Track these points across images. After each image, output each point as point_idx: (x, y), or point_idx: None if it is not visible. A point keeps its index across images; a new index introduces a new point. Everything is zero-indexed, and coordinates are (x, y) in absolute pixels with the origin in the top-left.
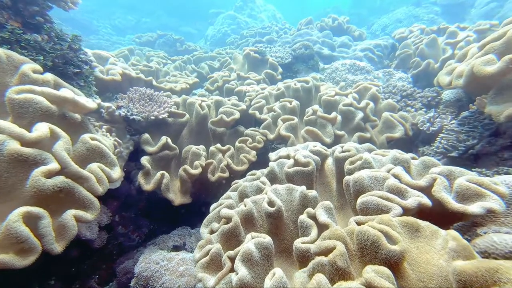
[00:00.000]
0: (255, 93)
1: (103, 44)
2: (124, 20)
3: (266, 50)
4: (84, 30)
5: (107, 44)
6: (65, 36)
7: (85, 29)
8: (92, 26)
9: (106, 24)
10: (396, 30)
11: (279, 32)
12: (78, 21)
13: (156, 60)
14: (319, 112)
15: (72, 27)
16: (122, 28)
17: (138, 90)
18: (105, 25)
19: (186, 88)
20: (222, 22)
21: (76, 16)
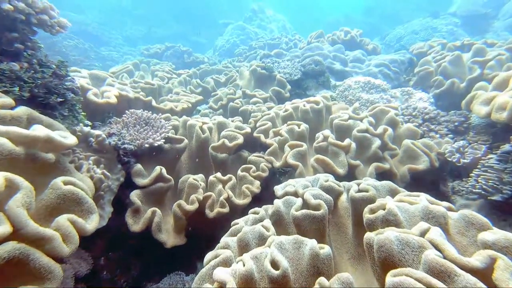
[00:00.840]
0: (260, 113)
1: (114, 56)
2: (135, 30)
3: (273, 65)
4: (96, 41)
5: (118, 55)
6: (50, 62)
7: (97, 40)
8: (104, 37)
9: (118, 35)
10: (414, 45)
11: (288, 44)
12: (90, 33)
13: (160, 75)
14: (331, 138)
15: (84, 39)
16: (133, 39)
17: (134, 113)
18: (116, 36)
19: (188, 107)
20: (231, 33)
21: (88, 28)
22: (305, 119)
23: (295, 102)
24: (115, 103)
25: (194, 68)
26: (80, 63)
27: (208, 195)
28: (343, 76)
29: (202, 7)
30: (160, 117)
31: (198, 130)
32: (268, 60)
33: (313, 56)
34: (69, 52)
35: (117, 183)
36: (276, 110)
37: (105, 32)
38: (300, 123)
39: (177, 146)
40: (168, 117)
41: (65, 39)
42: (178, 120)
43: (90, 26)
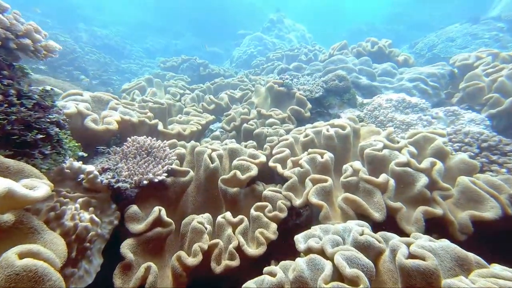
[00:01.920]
0: (277, 138)
1: (132, 68)
2: (155, 43)
3: (292, 82)
4: (117, 55)
5: (137, 67)
6: (32, 92)
7: (118, 54)
8: (125, 50)
9: (138, 48)
10: (455, 56)
11: (308, 55)
12: (112, 47)
13: (173, 91)
14: (362, 173)
15: (106, 53)
16: (153, 51)
17: (136, 142)
18: (137, 49)
19: (198, 130)
20: (249, 44)
21: (110, 42)
22: (329, 146)
23: (317, 125)
24: (115, 130)
25: (208, 83)
26: (99, 77)
27: (215, 244)
28: (371, 92)
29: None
30: (165, 145)
31: (207, 159)
32: (286, 76)
33: (336, 70)
34: (89, 67)
35: (110, 227)
36: (295, 134)
37: (127, 46)
38: (324, 152)
39: (181, 180)
40: (174, 144)
41: (87, 54)
42: (186, 146)
43: (113, 40)
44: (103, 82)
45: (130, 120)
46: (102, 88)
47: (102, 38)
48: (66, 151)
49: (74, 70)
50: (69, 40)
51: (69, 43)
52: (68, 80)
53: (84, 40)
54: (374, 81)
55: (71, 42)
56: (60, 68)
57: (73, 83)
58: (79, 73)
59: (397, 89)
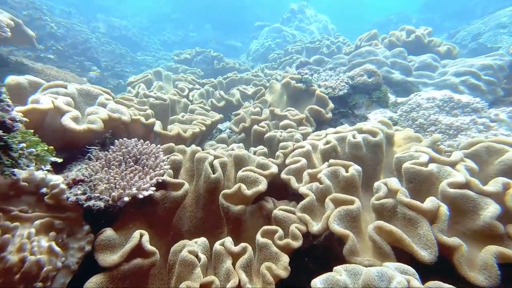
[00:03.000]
0: (292, 143)
1: (148, 60)
2: (173, 35)
3: (312, 78)
4: (134, 46)
5: (152, 60)
6: None
7: (135, 45)
8: (143, 42)
9: (156, 40)
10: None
11: (330, 47)
12: (130, 38)
13: (180, 86)
14: (402, 194)
15: (124, 44)
16: (170, 43)
17: (124, 145)
18: (154, 41)
19: (201, 131)
20: (266, 36)
21: (128, 33)
22: (356, 156)
23: (341, 130)
24: (100, 130)
25: (220, 77)
26: (111, 69)
27: (208, 283)
28: (405, 89)
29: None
30: (158, 150)
31: (207, 168)
32: (305, 70)
33: (364, 64)
34: (101, 58)
35: (80, 255)
36: (314, 140)
37: (144, 37)
38: (349, 164)
39: (173, 195)
40: (170, 148)
41: (103, 44)
42: (185, 151)
43: (130, 32)
44: (115, 74)
45: (120, 118)
46: (114, 80)
47: (120, 29)
48: (19, 159)
49: (85, 60)
50: (86, 30)
51: (84, 33)
52: (79, 70)
53: (102, 31)
54: (409, 76)
55: (87, 32)
56: (71, 58)
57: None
58: (91, 63)
59: (439, 85)
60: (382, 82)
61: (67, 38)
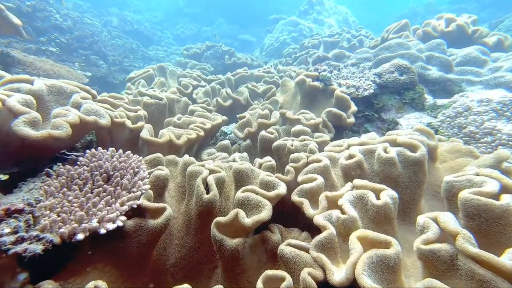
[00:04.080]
0: (305, 155)
1: (159, 55)
2: (186, 29)
3: (331, 75)
4: (146, 41)
5: (164, 55)
6: None
7: (147, 40)
8: (155, 37)
9: (169, 34)
10: None
11: (351, 41)
12: (142, 33)
13: (184, 83)
14: (466, 243)
15: (136, 39)
16: (184, 38)
17: (97, 156)
18: (167, 35)
19: (198, 138)
20: (282, 29)
21: (140, 28)
22: (388, 177)
23: (367, 141)
24: (66, 136)
25: (229, 74)
26: (119, 64)
27: None
28: (444, 89)
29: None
30: (138, 163)
31: (200, 186)
32: (323, 66)
33: (393, 59)
34: (108, 52)
35: None
36: (333, 152)
37: (157, 32)
38: (380, 189)
39: (150, 225)
40: (157, 159)
41: (113, 38)
42: (177, 163)
43: (143, 26)
44: (123, 69)
45: (96, 122)
46: (121, 75)
47: (132, 24)
48: None
49: (92, 54)
50: (96, 23)
51: (92, 26)
52: (84, 64)
53: (114, 25)
54: (449, 72)
55: (97, 25)
56: (76, 51)
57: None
58: (97, 58)
59: (490, 83)
60: (417, 80)
61: (73, 30)
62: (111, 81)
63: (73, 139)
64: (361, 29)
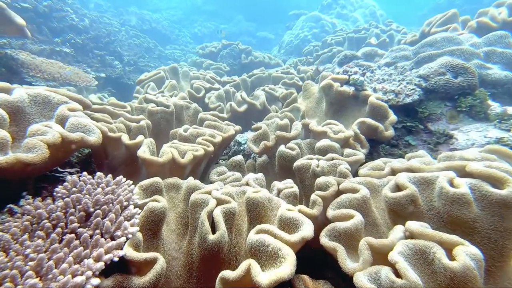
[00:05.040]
0: (335, 180)
1: (176, 54)
2: (203, 28)
3: (364, 78)
4: (164, 40)
5: (180, 54)
6: None
7: (165, 39)
8: (173, 35)
9: (186, 33)
10: None
11: (380, 37)
12: (160, 31)
13: (197, 85)
14: None
15: (153, 37)
16: (201, 36)
17: (78, 186)
18: (184, 34)
19: (207, 153)
20: (302, 26)
21: (158, 26)
22: (459, 221)
23: (419, 167)
24: (41, 161)
25: (245, 75)
26: (134, 64)
27: None
28: (509, 92)
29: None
30: (129, 196)
31: (204, 223)
32: (353, 68)
33: (440, 57)
34: (124, 52)
35: None
36: (371, 179)
37: (175, 30)
38: (454, 242)
39: (134, 286)
40: (154, 185)
41: (131, 38)
42: (179, 186)
43: (160, 25)
44: (138, 69)
45: (82, 139)
46: (136, 76)
47: (150, 22)
48: None
49: (107, 54)
50: (114, 23)
51: (110, 26)
52: (98, 65)
53: (132, 24)
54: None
55: (115, 25)
56: (92, 52)
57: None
58: (112, 58)
59: None
60: (477, 83)
61: (90, 30)
62: (125, 82)
63: (54, 161)
64: (391, 23)
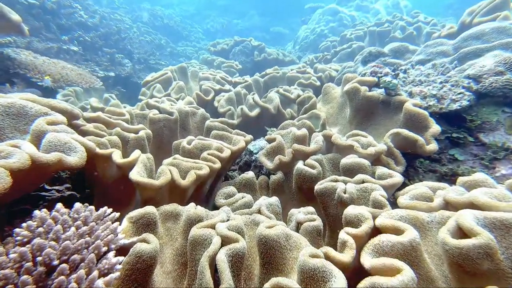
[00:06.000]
0: (369, 215)
1: (188, 51)
2: (216, 23)
3: (397, 81)
4: (176, 36)
5: (192, 50)
6: None
7: (177, 35)
8: (185, 31)
9: (198, 29)
10: None
11: (406, 30)
12: (172, 28)
13: (205, 87)
14: None
15: (165, 34)
16: (213, 32)
17: (45, 226)
18: (197, 30)
19: (213, 171)
20: (319, 20)
21: (170, 22)
22: None
23: (489, 203)
24: (4, 189)
25: (257, 74)
26: (144, 62)
27: None
28: None
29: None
30: (111, 237)
31: (204, 272)
32: (383, 68)
33: (489, 52)
34: (134, 50)
35: None
36: (416, 213)
37: (187, 26)
38: None
39: None
40: (146, 218)
41: (142, 34)
42: (179, 215)
43: (173, 21)
44: (149, 67)
45: (60, 161)
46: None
47: (162, 18)
48: None
49: (117, 52)
50: (126, 20)
51: (121, 22)
52: (107, 64)
53: (144, 20)
54: None
55: (127, 22)
56: (101, 50)
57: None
58: (122, 56)
59: None
60: None
61: (99, 28)
62: (135, 81)
63: (24, 188)
64: (418, 14)
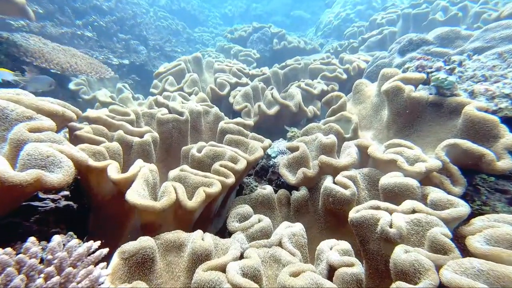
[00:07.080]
0: (430, 265)
1: (204, 37)
2: (234, 7)
3: (454, 78)
4: (193, 21)
5: (209, 37)
6: None
7: (194, 20)
8: (202, 16)
9: (216, 13)
10: None
11: (449, 11)
12: (189, 12)
13: (220, 81)
14: None
15: (182, 19)
16: (231, 17)
17: (10, 277)
18: (214, 14)
19: (225, 187)
20: (344, 2)
21: (187, 6)
22: None
23: None
24: None
25: (276, 66)
26: (160, 49)
27: None
28: None
29: None
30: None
31: None
32: (434, 62)
33: None
34: (150, 36)
35: None
36: (502, 269)
37: (205, 10)
38: None
39: None
40: (141, 254)
41: (158, 19)
42: (182, 246)
43: (190, 4)
44: (164, 54)
45: (40, 181)
46: (162, 62)
47: (179, 2)
48: None
49: (132, 39)
50: (143, 3)
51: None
52: (122, 51)
53: (161, 4)
54: None
55: (144, 5)
56: (116, 35)
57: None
58: (137, 43)
59: None
60: None
61: (115, 12)
62: (150, 70)
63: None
64: None
